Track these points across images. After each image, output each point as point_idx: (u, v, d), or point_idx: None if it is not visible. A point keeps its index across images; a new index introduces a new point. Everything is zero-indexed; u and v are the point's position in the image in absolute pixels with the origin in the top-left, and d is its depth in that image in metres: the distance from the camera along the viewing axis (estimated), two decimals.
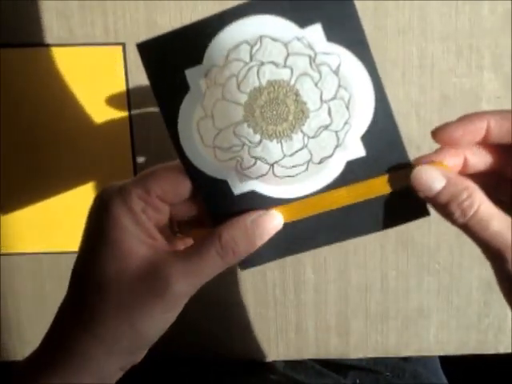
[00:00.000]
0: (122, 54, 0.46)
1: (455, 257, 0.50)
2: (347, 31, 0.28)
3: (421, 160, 0.30)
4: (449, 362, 0.58)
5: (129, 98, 0.47)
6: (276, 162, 0.30)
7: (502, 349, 0.52)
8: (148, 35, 0.46)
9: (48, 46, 0.46)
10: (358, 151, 0.30)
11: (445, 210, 0.29)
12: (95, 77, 0.46)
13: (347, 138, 0.29)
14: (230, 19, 0.28)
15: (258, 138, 0.29)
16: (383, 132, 0.29)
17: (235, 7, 0.27)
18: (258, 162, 0.30)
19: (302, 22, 0.27)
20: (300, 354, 0.53)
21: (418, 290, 0.51)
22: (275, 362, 0.54)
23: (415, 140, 0.47)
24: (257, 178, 0.30)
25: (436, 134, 0.30)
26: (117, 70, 0.46)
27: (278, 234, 0.31)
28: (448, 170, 0.30)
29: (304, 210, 0.31)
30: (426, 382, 0.56)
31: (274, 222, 0.31)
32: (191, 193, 0.31)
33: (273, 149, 0.29)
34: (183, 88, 0.29)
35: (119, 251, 0.29)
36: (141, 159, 0.48)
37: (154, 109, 0.47)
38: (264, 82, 0.28)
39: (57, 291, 0.31)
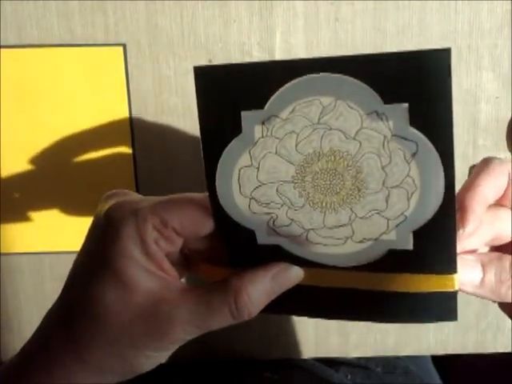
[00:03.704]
0: (122, 54, 0.46)
1: None
2: (435, 119, 0.23)
3: None
4: (442, 361, 0.59)
5: (129, 99, 0.47)
6: (312, 230, 0.27)
7: (501, 348, 0.52)
8: (148, 36, 0.46)
9: (48, 46, 0.46)
10: (406, 244, 0.27)
11: (495, 292, 0.28)
12: (95, 77, 0.46)
13: (398, 228, 0.26)
14: (310, 70, 0.24)
15: (301, 202, 0.26)
16: (439, 234, 0.26)
17: (320, 58, 0.24)
18: (294, 224, 0.27)
19: (388, 97, 0.23)
20: (300, 352, 0.53)
21: None
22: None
23: None
24: (287, 237, 0.28)
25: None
26: (117, 71, 0.46)
27: (292, 292, 0.29)
28: (451, 284, 0.27)
29: (327, 280, 0.29)
30: (417, 380, 0.56)
31: (295, 277, 0.28)
32: (210, 231, 0.28)
33: (314, 217, 0.27)
34: (234, 129, 0.26)
35: (123, 282, 0.27)
36: (141, 158, 0.48)
37: (154, 109, 0.47)
38: (326, 149, 0.25)
39: (57, 291, 0.31)
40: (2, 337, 0.53)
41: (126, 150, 0.48)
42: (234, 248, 0.29)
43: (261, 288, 0.28)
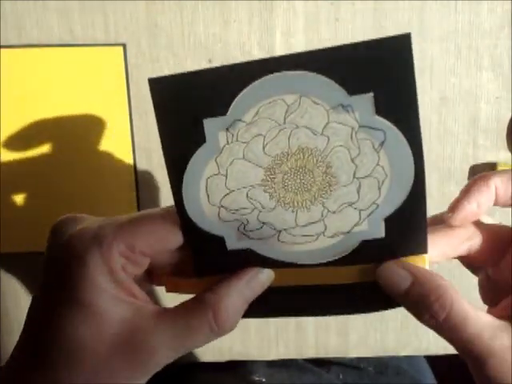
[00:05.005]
0: (122, 54, 0.46)
1: None
2: (400, 105, 0.23)
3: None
4: (436, 359, 0.59)
5: (129, 99, 0.47)
6: (285, 230, 0.27)
7: None
8: (148, 36, 0.46)
9: (48, 46, 0.46)
10: (378, 232, 0.26)
11: (414, 311, 0.27)
12: (95, 77, 0.46)
13: (370, 218, 0.26)
14: (270, 69, 0.23)
15: (272, 204, 0.26)
16: (410, 218, 0.26)
17: (278, 57, 0.23)
18: (265, 226, 0.27)
19: (352, 88, 0.23)
20: (300, 353, 0.53)
21: None
22: (256, 360, 0.54)
23: None
24: (258, 239, 0.27)
25: (453, 218, 0.27)
26: (117, 71, 0.46)
27: (261, 295, 0.28)
28: (422, 263, 0.27)
29: (298, 278, 0.28)
30: (410, 379, 0.56)
31: (266, 281, 0.28)
32: (179, 244, 0.27)
33: (285, 217, 0.26)
34: (198, 139, 0.25)
35: (95, 316, 0.25)
36: (141, 158, 0.48)
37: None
38: (294, 148, 0.25)
39: None
40: (1, 337, 0.53)
41: (126, 149, 0.48)
42: (202, 257, 0.28)
43: (237, 299, 0.27)
